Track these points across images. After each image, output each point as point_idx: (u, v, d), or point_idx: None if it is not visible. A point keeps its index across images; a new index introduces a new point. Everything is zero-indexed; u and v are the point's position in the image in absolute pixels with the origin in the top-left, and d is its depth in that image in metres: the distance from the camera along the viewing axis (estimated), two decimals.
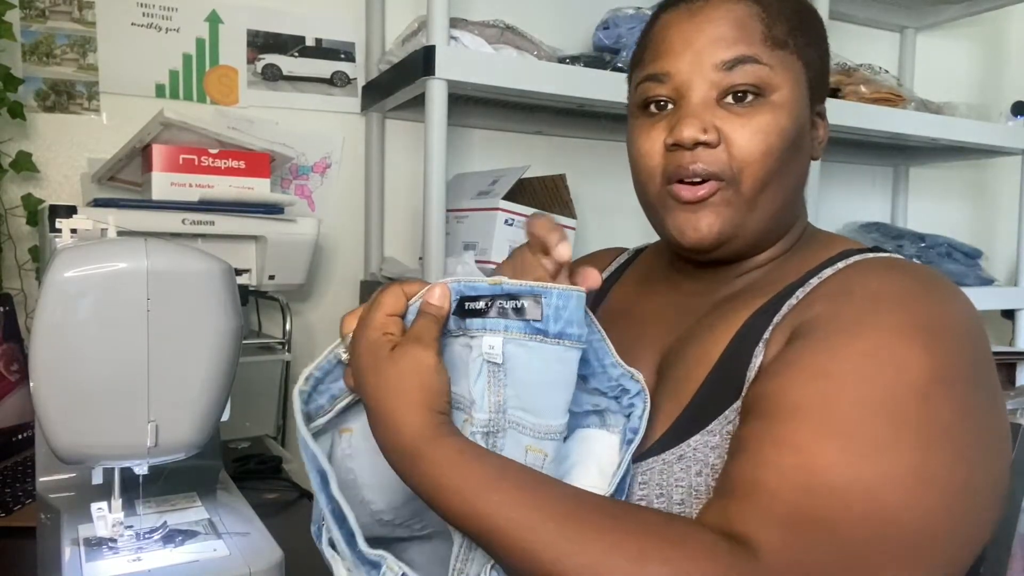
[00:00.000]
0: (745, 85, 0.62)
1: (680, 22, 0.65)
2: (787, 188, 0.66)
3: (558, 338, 0.56)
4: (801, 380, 0.54)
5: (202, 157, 1.16)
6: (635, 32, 1.41)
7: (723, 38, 0.63)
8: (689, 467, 0.59)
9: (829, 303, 0.59)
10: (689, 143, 0.63)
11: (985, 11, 1.97)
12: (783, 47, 0.63)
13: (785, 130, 0.63)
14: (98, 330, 0.58)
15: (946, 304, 0.57)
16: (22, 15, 1.27)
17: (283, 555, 0.65)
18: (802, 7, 0.67)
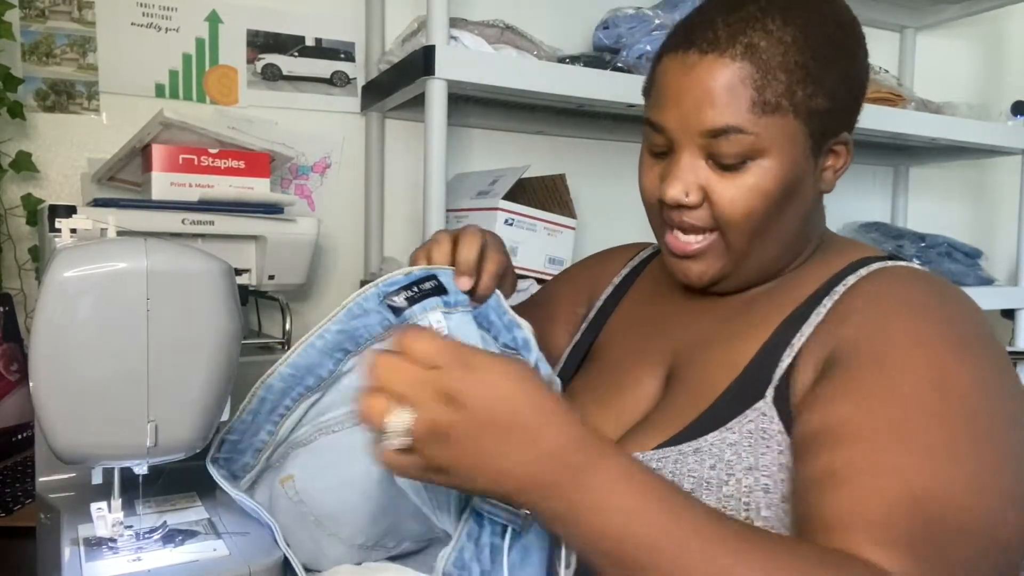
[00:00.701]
0: (730, 155, 0.63)
1: (676, 74, 0.65)
2: (781, 233, 0.68)
3: (459, 305, 0.66)
4: (875, 405, 0.55)
5: (202, 157, 1.16)
6: (635, 32, 1.41)
7: (711, 103, 0.63)
8: (703, 460, 0.61)
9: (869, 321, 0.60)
10: (672, 204, 0.66)
11: (985, 11, 1.97)
12: (774, 111, 0.62)
13: (769, 191, 0.64)
14: (98, 330, 0.58)
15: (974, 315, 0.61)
16: (22, 15, 1.27)
17: (283, 555, 0.65)
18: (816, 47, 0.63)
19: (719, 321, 0.71)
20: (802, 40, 0.63)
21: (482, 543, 0.59)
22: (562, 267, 1.36)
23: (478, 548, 0.59)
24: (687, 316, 0.74)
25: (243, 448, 0.68)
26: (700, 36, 0.64)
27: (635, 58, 1.39)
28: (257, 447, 0.68)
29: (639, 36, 1.40)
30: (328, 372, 0.68)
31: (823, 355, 0.61)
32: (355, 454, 0.68)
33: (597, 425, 0.69)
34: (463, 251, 0.69)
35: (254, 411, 0.67)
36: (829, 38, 0.65)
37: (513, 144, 1.65)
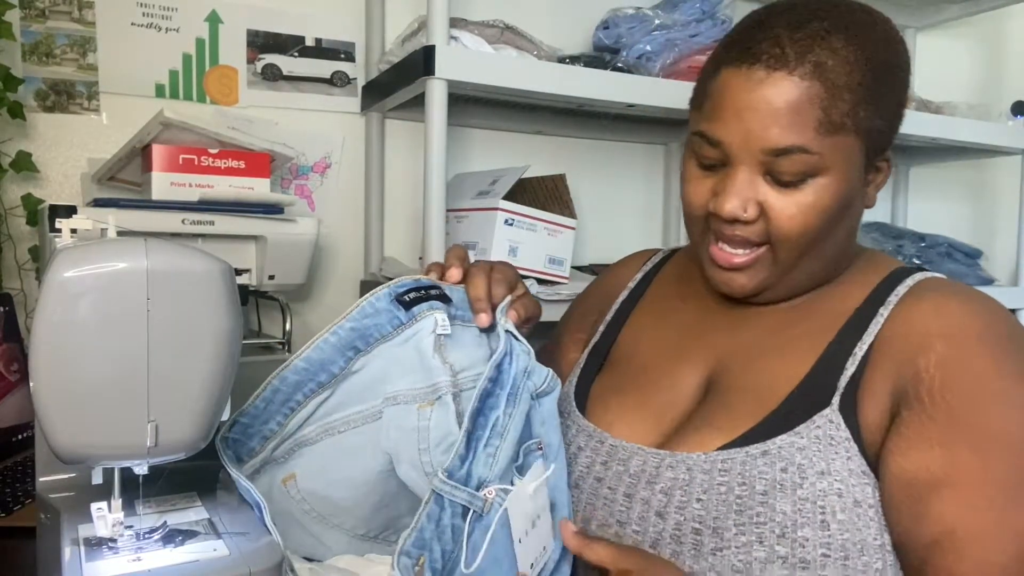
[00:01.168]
0: (792, 173, 0.62)
1: (739, 89, 0.63)
2: (831, 247, 0.68)
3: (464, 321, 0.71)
4: (983, 454, 0.57)
5: (202, 157, 1.16)
6: (635, 32, 1.41)
7: (777, 123, 0.61)
8: (773, 463, 0.61)
9: (952, 356, 0.60)
10: (728, 218, 0.65)
11: (985, 11, 1.97)
12: (839, 131, 0.62)
13: (827, 208, 0.64)
14: (98, 330, 0.58)
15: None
16: (22, 15, 1.27)
17: (283, 555, 0.65)
18: (875, 67, 0.63)
19: (768, 331, 0.71)
20: (864, 60, 0.62)
21: (443, 524, 0.60)
22: (562, 267, 1.36)
23: (439, 528, 0.60)
24: (729, 323, 0.74)
25: (252, 433, 0.69)
26: (766, 52, 0.62)
27: (635, 58, 1.39)
28: (265, 435, 0.69)
29: (639, 36, 1.40)
30: (339, 369, 0.69)
31: (898, 379, 0.62)
32: (358, 452, 0.70)
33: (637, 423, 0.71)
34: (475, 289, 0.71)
35: (267, 399, 0.68)
36: (886, 58, 0.65)
37: (513, 144, 1.65)
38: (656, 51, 1.39)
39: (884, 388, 0.62)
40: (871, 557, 0.58)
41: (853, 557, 0.58)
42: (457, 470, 0.61)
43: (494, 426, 0.63)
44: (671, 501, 0.64)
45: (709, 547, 0.60)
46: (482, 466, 0.61)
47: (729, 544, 0.59)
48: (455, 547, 0.60)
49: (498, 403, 0.64)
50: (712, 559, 0.59)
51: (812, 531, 0.58)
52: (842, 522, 0.58)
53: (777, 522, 0.59)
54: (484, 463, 0.62)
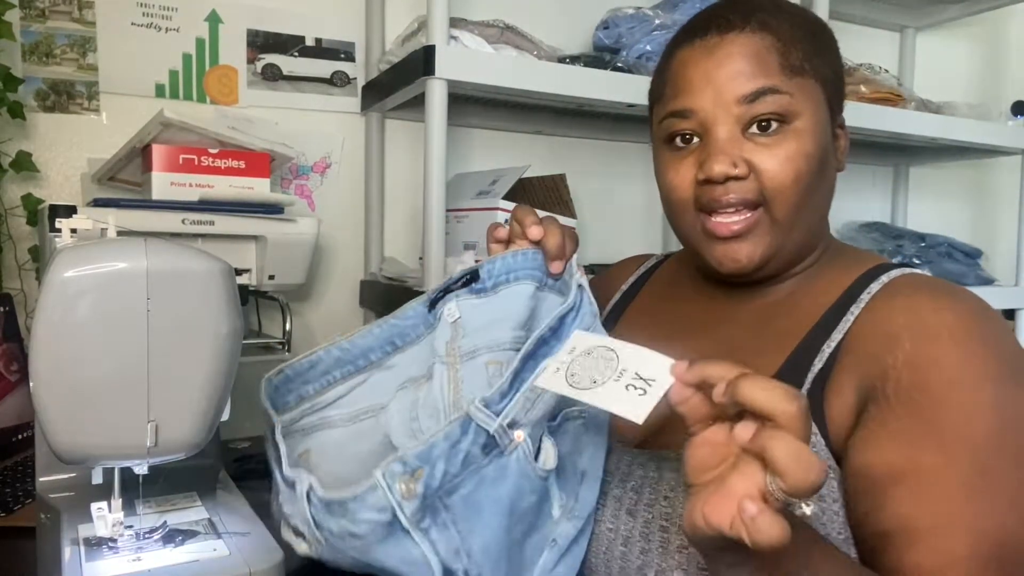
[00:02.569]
0: (769, 115, 0.64)
1: (699, 59, 0.66)
2: (819, 206, 0.69)
3: (495, 288, 0.71)
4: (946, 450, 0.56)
5: (202, 157, 1.16)
6: (635, 32, 1.41)
7: (742, 72, 0.64)
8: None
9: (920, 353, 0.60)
10: (720, 178, 0.65)
11: (985, 11, 1.97)
12: (800, 73, 0.65)
13: (811, 154, 0.65)
14: (98, 330, 0.58)
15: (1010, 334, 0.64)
16: (22, 15, 1.27)
17: (283, 555, 0.65)
18: (814, 27, 0.69)
19: (744, 329, 0.71)
20: (800, 20, 0.68)
21: (459, 447, 0.58)
22: None
23: (453, 450, 0.57)
24: (710, 321, 0.75)
25: (291, 388, 0.71)
26: (714, 23, 0.67)
27: (635, 58, 1.39)
28: (301, 394, 0.71)
29: (639, 36, 1.40)
30: (376, 358, 0.73)
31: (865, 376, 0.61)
32: (366, 435, 0.71)
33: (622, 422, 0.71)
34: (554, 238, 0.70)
35: (312, 363, 0.71)
36: (816, 23, 0.70)
37: (513, 144, 1.65)
38: (656, 51, 1.39)
39: (850, 384, 0.62)
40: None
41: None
42: (495, 403, 0.59)
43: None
44: (640, 499, 0.64)
45: (675, 544, 0.60)
46: (519, 408, 0.59)
47: None
48: (462, 473, 0.58)
49: (551, 352, 0.62)
50: (679, 556, 0.59)
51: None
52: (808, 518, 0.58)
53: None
54: (522, 406, 0.60)
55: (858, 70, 1.67)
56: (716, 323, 0.74)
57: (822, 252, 0.73)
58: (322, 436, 0.72)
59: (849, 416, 0.61)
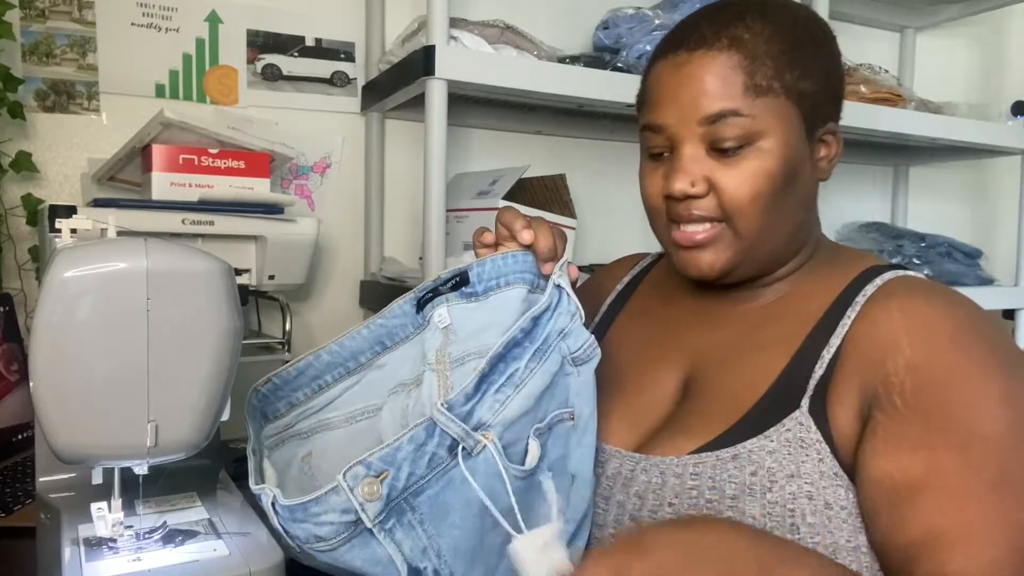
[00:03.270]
0: (729, 138, 0.65)
1: (668, 74, 0.68)
2: (788, 218, 0.69)
3: (486, 293, 0.71)
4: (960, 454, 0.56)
5: (202, 157, 1.16)
6: (635, 32, 1.41)
7: (705, 92, 0.65)
8: (743, 467, 0.62)
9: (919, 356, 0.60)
10: (679, 195, 0.67)
11: (985, 11, 1.97)
12: (766, 93, 0.65)
13: (773, 173, 0.66)
14: (98, 330, 0.58)
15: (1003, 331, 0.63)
16: (22, 15, 1.27)
17: (283, 555, 0.65)
18: (800, 35, 0.67)
19: (741, 332, 0.72)
20: (781, 32, 0.67)
21: (424, 449, 0.58)
22: None
23: (418, 452, 0.58)
24: (704, 322, 0.75)
25: (280, 395, 0.72)
26: (686, 38, 0.67)
27: (635, 58, 1.39)
28: (291, 401, 0.72)
29: (639, 36, 1.40)
30: (366, 359, 0.73)
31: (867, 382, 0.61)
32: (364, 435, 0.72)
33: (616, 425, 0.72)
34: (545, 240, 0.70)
35: (300, 370, 0.71)
36: (804, 31, 0.69)
37: (513, 144, 1.65)
38: None
39: (852, 390, 0.62)
40: (844, 559, 0.58)
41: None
42: (459, 405, 0.59)
43: (511, 376, 0.62)
44: (644, 505, 0.64)
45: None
46: (486, 409, 0.60)
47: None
48: (429, 474, 0.59)
49: (523, 355, 0.63)
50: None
51: (781, 534, 0.59)
52: (812, 525, 0.59)
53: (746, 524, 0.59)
54: (489, 407, 0.60)
55: (858, 70, 1.67)
56: (712, 325, 0.75)
57: (811, 254, 0.73)
58: (322, 438, 0.73)
59: (854, 423, 0.61)
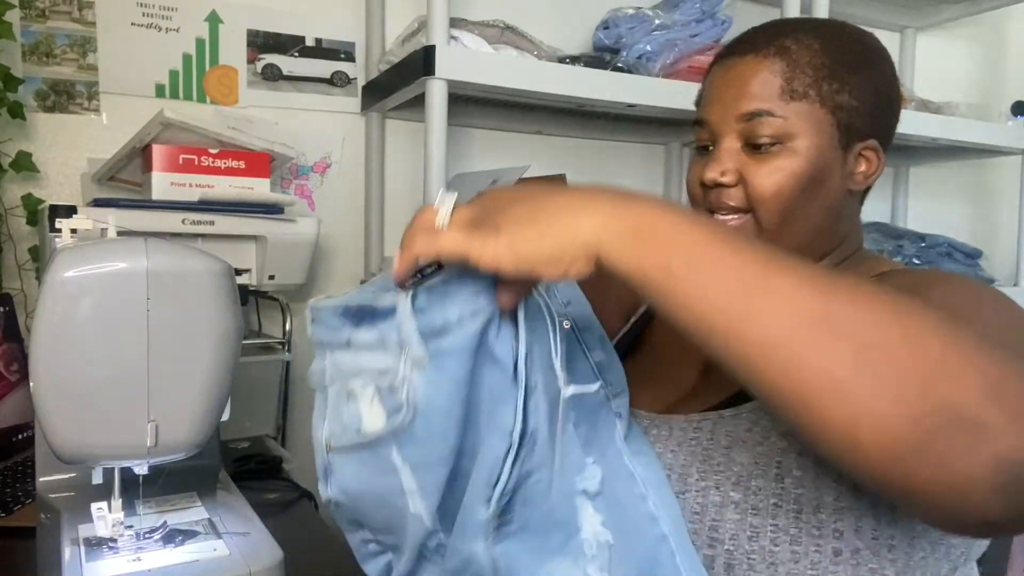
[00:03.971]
0: (763, 136, 0.71)
1: (719, 76, 0.75)
2: (809, 219, 0.73)
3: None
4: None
5: (202, 157, 1.16)
6: (635, 32, 1.41)
7: (746, 93, 0.71)
8: (741, 423, 0.66)
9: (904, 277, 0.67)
10: (709, 183, 0.73)
11: (985, 11, 1.97)
12: (801, 99, 0.71)
13: (798, 173, 0.71)
14: (98, 330, 0.58)
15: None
16: (22, 15, 1.27)
17: (283, 555, 0.65)
18: (840, 55, 0.73)
19: None
20: (827, 48, 0.72)
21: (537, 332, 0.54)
22: None
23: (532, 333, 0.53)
24: None
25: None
26: (741, 45, 0.75)
27: (635, 58, 1.39)
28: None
29: (639, 36, 1.40)
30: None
31: None
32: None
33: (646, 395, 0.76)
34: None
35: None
36: (852, 49, 0.74)
37: (513, 144, 1.65)
38: (656, 51, 1.39)
39: None
40: (828, 515, 0.60)
41: (806, 512, 0.60)
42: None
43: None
44: (707, 461, 0.67)
45: (675, 490, 0.64)
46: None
47: (690, 488, 0.63)
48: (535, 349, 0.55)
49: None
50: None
51: (766, 482, 0.61)
52: (797, 478, 0.61)
53: (734, 471, 0.62)
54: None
55: None
56: None
57: (841, 260, 0.77)
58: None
59: None
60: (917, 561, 0.60)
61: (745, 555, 0.60)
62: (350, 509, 0.61)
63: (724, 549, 0.60)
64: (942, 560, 0.62)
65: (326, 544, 0.89)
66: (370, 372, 0.55)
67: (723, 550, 0.60)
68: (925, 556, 0.61)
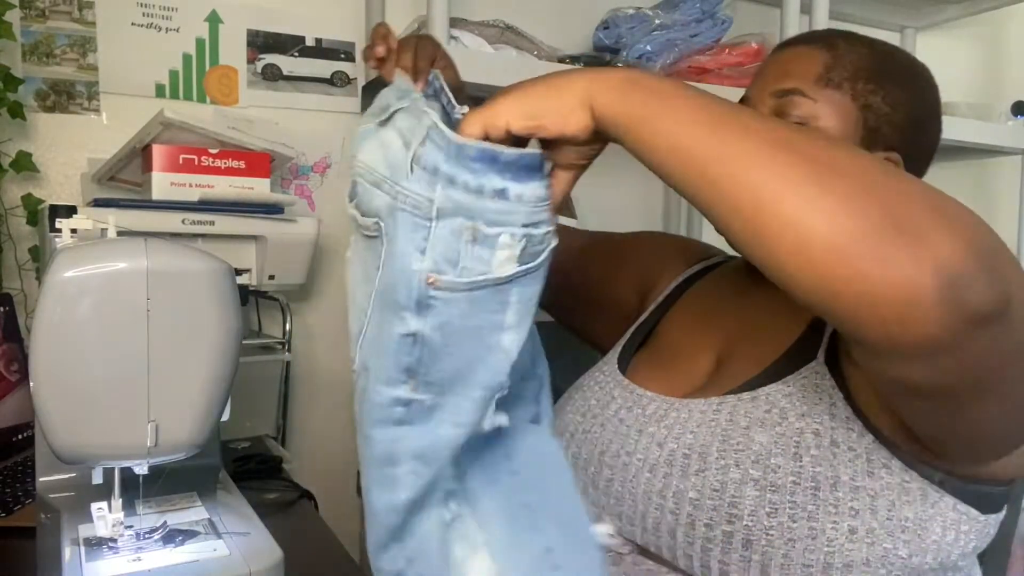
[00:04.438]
0: (792, 114, 0.72)
1: (770, 59, 0.78)
2: None
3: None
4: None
5: (202, 157, 1.16)
6: (635, 32, 1.41)
7: (786, 73, 0.74)
8: (759, 405, 0.67)
9: None
10: None
11: (985, 11, 1.97)
12: (836, 87, 0.73)
13: None
14: (98, 330, 0.58)
15: None
16: (22, 15, 1.27)
17: (283, 555, 0.65)
18: (882, 64, 0.74)
19: (767, 312, 0.77)
20: (876, 55, 0.74)
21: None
22: None
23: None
24: (738, 308, 0.81)
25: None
26: (797, 38, 0.79)
27: (635, 58, 1.39)
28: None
29: (639, 36, 1.40)
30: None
31: None
32: None
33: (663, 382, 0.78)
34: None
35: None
36: (900, 65, 0.75)
37: None
38: (656, 51, 1.39)
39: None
40: (844, 494, 0.61)
41: (824, 490, 0.61)
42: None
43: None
44: (670, 433, 0.70)
45: (694, 468, 0.65)
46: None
47: (710, 466, 0.65)
48: None
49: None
50: (695, 479, 0.65)
51: (784, 460, 0.62)
52: (815, 456, 0.62)
53: (753, 450, 0.64)
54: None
55: None
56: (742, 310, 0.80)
57: None
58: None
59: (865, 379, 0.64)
60: (929, 544, 0.62)
61: (764, 531, 0.61)
62: (429, 349, 0.56)
63: (743, 525, 0.61)
64: (952, 545, 0.63)
65: (326, 544, 0.90)
66: (509, 224, 0.56)
67: (742, 526, 0.61)
68: (937, 540, 0.62)
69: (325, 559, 0.85)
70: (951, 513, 0.63)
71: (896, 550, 0.61)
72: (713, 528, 0.62)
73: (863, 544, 0.60)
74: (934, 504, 0.62)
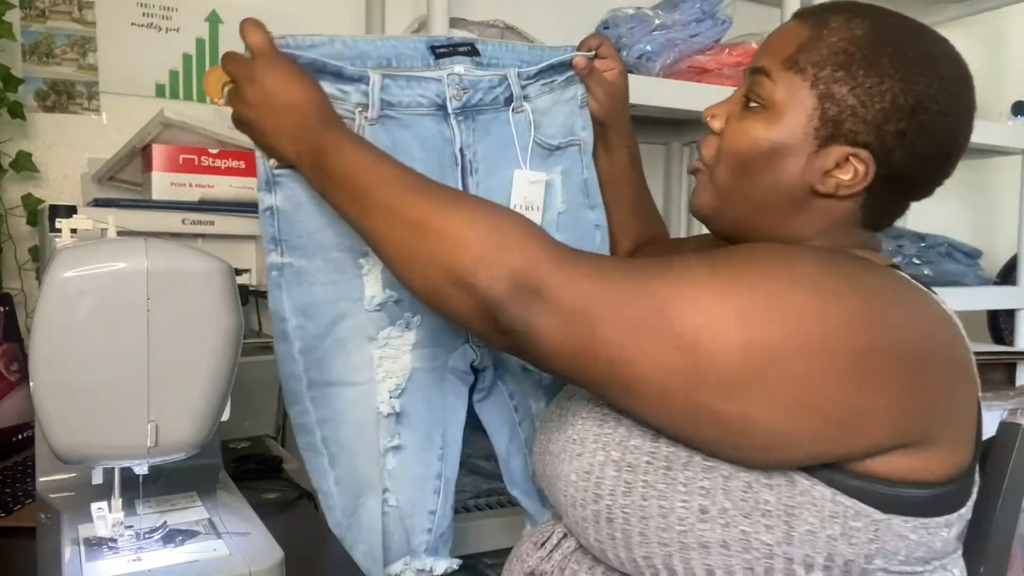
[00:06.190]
0: (755, 95, 0.69)
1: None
2: (752, 194, 0.71)
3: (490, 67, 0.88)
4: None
5: (202, 157, 1.16)
6: (635, 32, 1.41)
7: (765, 49, 0.71)
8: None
9: None
10: (703, 119, 0.75)
11: (985, 11, 1.98)
12: (798, 71, 0.66)
13: (761, 140, 0.69)
14: (98, 330, 0.58)
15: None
16: (22, 15, 1.27)
17: (283, 555, 0.65)
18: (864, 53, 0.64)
19: None
20: (868, 40, 0.65)
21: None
22: None
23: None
24: None
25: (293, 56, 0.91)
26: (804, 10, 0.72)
27: (635, 58, 1.38)
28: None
29: (639, 36, 1.40)
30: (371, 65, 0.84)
31: None
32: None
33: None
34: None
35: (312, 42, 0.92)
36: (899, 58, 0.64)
37: None
38: (656, 51, 1.39)
39: None
40: (695, 473, 0.62)
41: (675, 469, 0.62)
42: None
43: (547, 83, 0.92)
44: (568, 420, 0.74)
45: (576, 452, 0.70)
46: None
47: (586, 450, 0.68)
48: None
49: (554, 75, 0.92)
50: (576, 462, 0.69)
51: (642, 441, 0.65)
52: (671, 438, 0.64)
53: (620, 432, 0.67)
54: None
55: None
56: None
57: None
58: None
59: None
60: (802, 534, 0.59)
61: (620, 509, 0.64)
62: (284, 218, 0.83)
63: (604, 504, 0.65)
64: (842, 542, 0.59)
65: (326, 544, 0.90)
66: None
67: (604, 505, 0.65)
68: (813, 531, 0.59)
69: (325, 559, 0.85)
70: (828, 504, 0.59)
71: (757, 534, 0.59)
72: (585, 508, 0.66)
73: (716, 525, 0.60)
74: (804, 492, 0.59)
